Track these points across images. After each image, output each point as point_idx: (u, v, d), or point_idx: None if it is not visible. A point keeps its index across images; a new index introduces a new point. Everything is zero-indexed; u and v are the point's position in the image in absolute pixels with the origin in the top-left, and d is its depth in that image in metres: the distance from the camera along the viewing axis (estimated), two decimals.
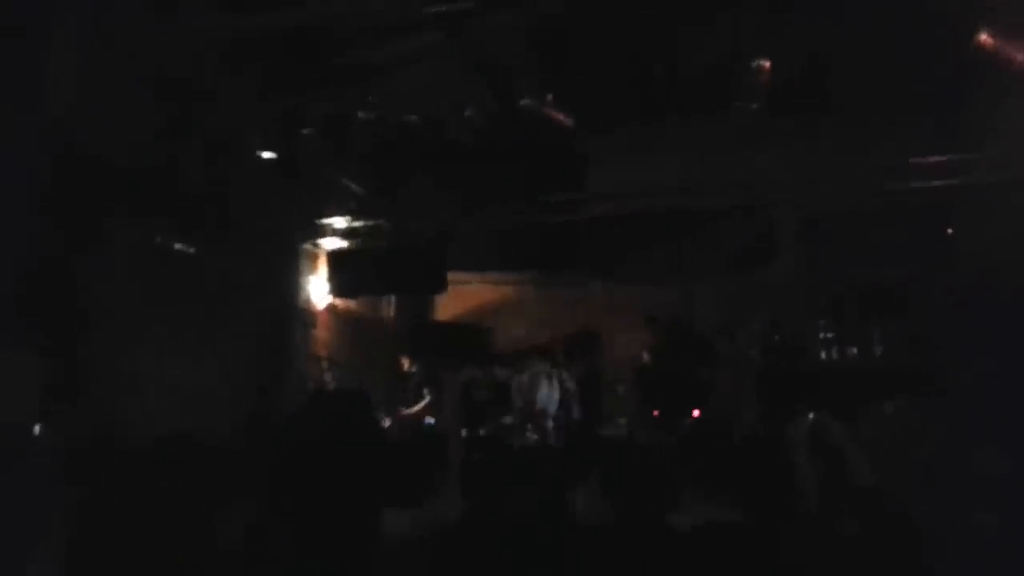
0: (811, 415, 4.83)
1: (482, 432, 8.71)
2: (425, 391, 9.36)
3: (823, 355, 8.94)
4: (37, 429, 5.34)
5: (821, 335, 8.92)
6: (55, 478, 5.01)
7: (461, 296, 10.47)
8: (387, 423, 8.68)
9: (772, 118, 7.08)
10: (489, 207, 8.85)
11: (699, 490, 4.13)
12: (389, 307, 11.12)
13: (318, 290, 9.64)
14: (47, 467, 5.23)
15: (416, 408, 9.26)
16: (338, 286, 9.62)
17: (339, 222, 9.49)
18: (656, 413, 8.45)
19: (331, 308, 9.82)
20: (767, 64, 6.55)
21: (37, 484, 4.94)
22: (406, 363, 9.73)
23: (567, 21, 6.34)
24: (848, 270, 8.65)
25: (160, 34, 6.14)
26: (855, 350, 8.81)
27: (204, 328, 7.20)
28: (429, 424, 9.09)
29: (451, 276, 9.43)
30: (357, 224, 9.49)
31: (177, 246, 7.36)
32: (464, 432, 8.66)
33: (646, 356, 8.96)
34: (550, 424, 8.59)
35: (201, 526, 4.00)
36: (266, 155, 7.75)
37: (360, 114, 7.36)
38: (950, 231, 8.37)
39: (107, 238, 6.36)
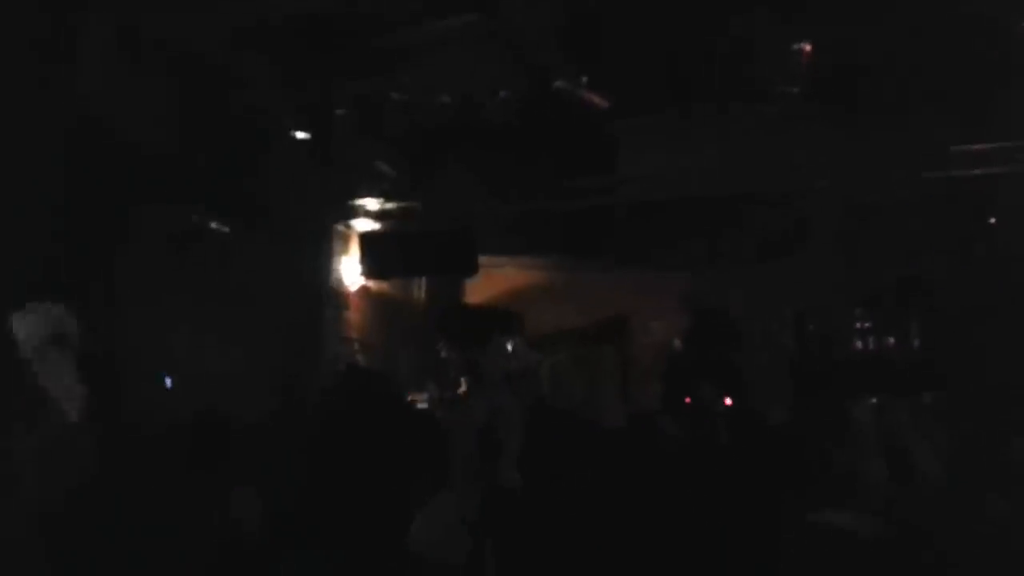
0: (874, 401, 4.74)
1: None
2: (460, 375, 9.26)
3: (859, 344, 8.82)
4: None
5: (857, 324, 8.79)
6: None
7: (492, 279, 10.41)
8: (422, 404, 8.61)
9: (811, 104, 6.95)
10: (521, 190, 8.77)
11: (730, 478, 4.09)
12: (420, 289, 11.09)
13: (350, 272, 9.64)
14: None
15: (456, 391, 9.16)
16: (369, 268, 9.59)
17: (371, 204, 9.48)
18: (688, 400, 8.37)
19: (363, 290, 9.81)
20: (808, 48, 6.43)
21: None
22: (439, 346, 9.67)
23: (603, 3, 6.25)
24: (886, 259, 8.50)
25: (191, 15, 6.14)
26: (891, 340, 8.68)
27: (235, 309, 7.21)
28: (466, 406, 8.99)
29: (482, 259, 9.38)
30: (389, 206, 9.47)
31: (212, 226, 7.38)
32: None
33: (677, 342, 8.87)
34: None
35: (224, 509, 4.01)
36: (299, 136, 7.75)
37: (393, 95, 7.34)
38: (992, 220, 8.19)
39: (139, 219, 6.38)
